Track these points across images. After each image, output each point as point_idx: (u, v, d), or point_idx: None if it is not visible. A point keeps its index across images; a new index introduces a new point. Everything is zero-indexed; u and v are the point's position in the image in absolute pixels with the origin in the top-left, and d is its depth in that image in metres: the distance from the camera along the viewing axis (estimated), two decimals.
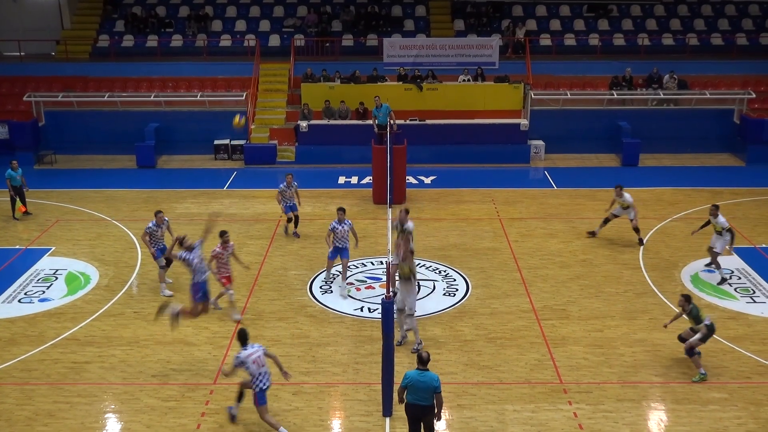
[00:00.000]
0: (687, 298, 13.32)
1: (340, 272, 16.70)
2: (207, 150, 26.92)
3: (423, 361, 10.72)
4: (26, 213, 21.05)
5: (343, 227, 16.31)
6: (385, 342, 11.57)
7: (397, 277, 14.11)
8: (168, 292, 16.35)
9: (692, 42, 29.94)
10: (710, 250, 17.08)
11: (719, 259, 17.07)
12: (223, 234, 15.12)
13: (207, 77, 28.36)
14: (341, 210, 16.56)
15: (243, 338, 11.53)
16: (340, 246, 16.42)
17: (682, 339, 13.64)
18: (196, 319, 14.28)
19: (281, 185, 19.07)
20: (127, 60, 29.05)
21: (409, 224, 16.44)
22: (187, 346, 14.25)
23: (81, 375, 13.35)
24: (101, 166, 26.12)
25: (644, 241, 18.91)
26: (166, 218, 16.58)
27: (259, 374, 11.27)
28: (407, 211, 16.75)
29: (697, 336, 13.15)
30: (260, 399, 11.32)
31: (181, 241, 14.30)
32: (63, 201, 22.27)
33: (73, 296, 16.42)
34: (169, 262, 16.29)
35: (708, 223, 17.24)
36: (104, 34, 30.41)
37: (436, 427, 11.02)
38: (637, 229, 18.79)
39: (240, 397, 11.91)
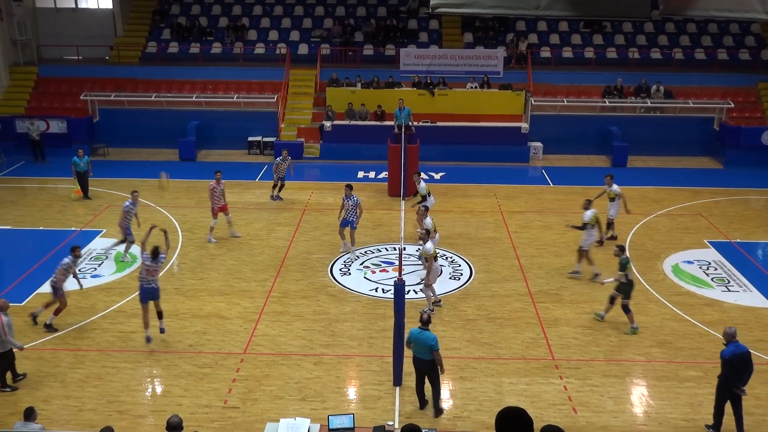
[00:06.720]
0: (621, 248, 14.07)
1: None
2: (241, 145, 26.99)
3: (423, 322, 11.01)
4: (85, 197, 21.19)
5: (347, 202, 17.17)
6: (396, 319, 11.55)
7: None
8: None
9: (678, 56, 29.62)
10: None
11: None
12: (216, 172, 18.40)
13: (242, 81, 28.34)
14: (349, 187, 17.35)
15: None
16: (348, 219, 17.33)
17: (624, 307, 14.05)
18: None
19: (277, 159, 20.62)
20: (172, 64, 29.05)
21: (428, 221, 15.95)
22: (220, 320, 14.31)
23: (127, 343, 13.45)
24: (147, 159, 26.19)
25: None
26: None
27: None
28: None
29: (612, 280, 13.95)
30: None
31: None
32: (114, 189, 22.37)
33: (121, 273, 16.52)
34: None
35: None
36: (152, 41, 30.44)
37: (441, 382, 11.23)
38: None
39: None
